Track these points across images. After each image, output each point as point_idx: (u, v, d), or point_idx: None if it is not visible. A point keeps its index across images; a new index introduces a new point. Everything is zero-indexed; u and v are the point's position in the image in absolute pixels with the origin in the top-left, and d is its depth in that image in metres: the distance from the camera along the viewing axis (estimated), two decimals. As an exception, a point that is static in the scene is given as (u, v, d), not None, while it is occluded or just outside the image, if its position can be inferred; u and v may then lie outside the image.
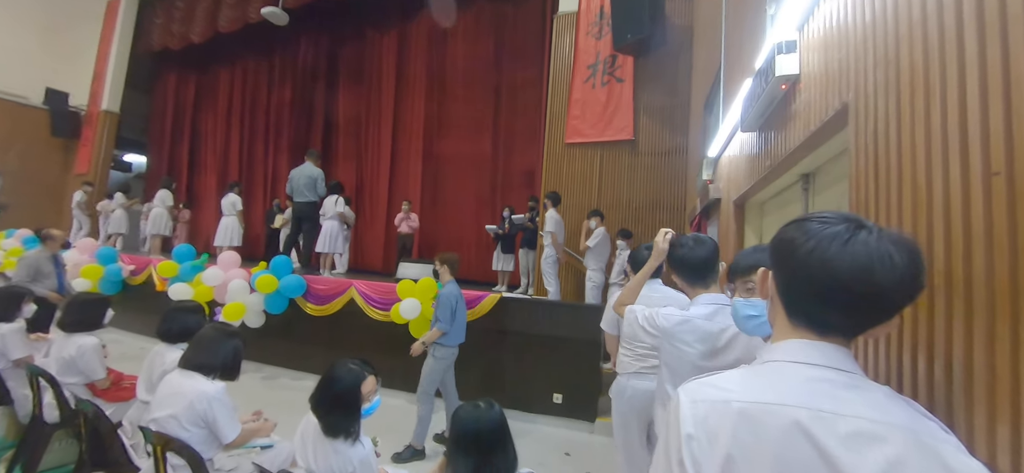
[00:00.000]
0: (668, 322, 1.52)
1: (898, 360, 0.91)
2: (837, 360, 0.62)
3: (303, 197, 5.75)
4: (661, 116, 5.36)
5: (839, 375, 0.60)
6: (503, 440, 1.46)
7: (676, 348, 1.51)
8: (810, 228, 0.62)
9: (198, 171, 11.39)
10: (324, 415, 1.67)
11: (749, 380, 0.64)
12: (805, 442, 0.56)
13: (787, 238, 0.65)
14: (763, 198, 2.39)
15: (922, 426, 0.57)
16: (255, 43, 10.23)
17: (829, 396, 0.58)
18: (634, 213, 5.32)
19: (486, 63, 7.91)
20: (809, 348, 0.63)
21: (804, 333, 0.64)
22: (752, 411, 0.59)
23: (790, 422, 0.57)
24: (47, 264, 4.33)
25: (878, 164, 0.98)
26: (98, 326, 2.76)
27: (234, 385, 4.99)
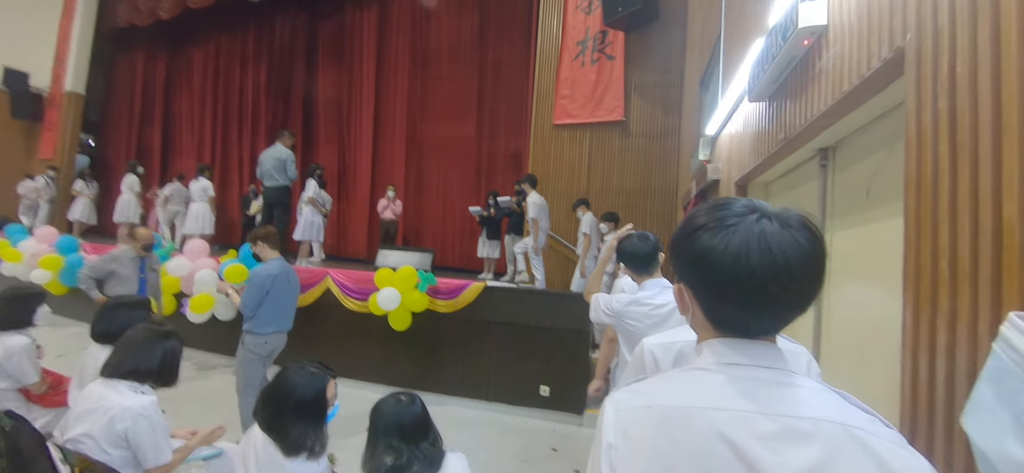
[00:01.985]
0: (619, 304, 1.86)
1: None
2: (761, 357, 0.58)
3: (273, 181, 5.41)
4: (653, 95, 5.12)
5: (764, 372, 0.57)
6: (425, 429, 1.44)
7: (628, 325, 1.84)
8: (695, 223, 0.60)
9: (173, 155, 10.87)
10: (283, 431, 1.43)
11: (672, 384, 0.61)
12: (723, 445, 0.53)
13: (675, 240, 0.63)
14: (769, 178, 2.17)
15: (856, 420, 0.54)
16: (228, 20, 9.71)
17: (750, 395, 0.55)
18: (625, 198, 5.10)
19: (470, 41, 7.56)
20: (730, 347, 0.59)
21: (725, 333, 0.61)
22: (672, 416, 0.56)
23: (708, 425, 0.54)
24: (128, 266, 3.77)
25: (954, 120, 0.75)
26: (28, 323, 2.46)
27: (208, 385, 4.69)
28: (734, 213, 0.56)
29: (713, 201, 0.60)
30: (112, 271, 3.62)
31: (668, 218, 4.94)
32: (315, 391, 1.48)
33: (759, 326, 0.59)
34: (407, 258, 5.11)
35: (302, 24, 9.40)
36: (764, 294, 0.55)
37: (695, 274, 0.60)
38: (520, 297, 4.42)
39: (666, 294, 1.84)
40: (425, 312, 4.45)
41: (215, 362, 5.23)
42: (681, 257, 0.62)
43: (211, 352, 5.46)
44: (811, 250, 0.54)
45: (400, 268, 4.49)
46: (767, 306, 0.56)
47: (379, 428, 1.40)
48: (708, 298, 0.60)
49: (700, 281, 0.60)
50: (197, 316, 4.73)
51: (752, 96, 1.91)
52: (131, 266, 3.72)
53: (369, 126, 8.34)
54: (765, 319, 0.58)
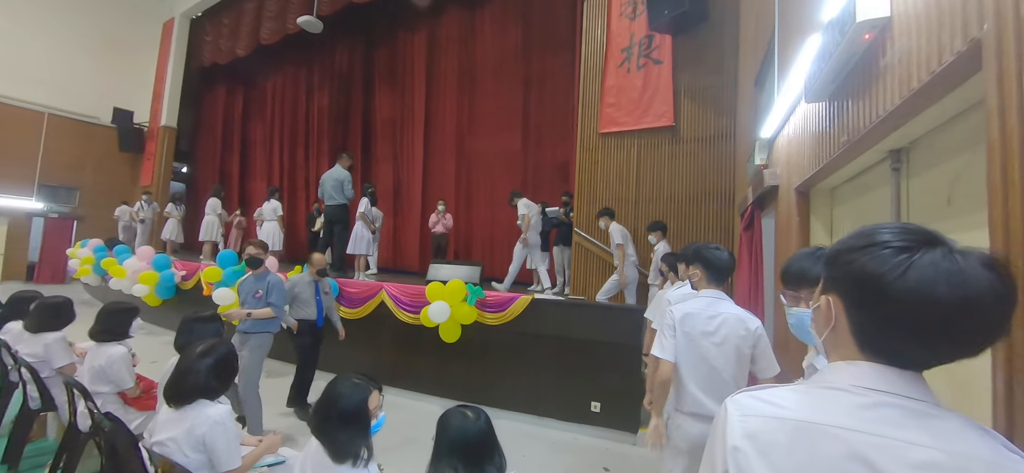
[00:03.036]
0: (673, 319, 1.94)
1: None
2: (906, 388, 0.56)
3: (332, 200, 5.76)
4: (704, 98, 4.90)
5: (908, 402, 0.55)
6: (490, 448, 1.41)
7: (684, 333, 1.91)
8: (875, 239, 0.58)
9: (248, 178, 11.91)
10: (330, 438, 1.51)
11: (806, 398, 0.60)
12: (866, 470, 0.52)
13: (841, 251, 0.62)
14: (834, 183, 2.00)
15: (1006, 460, 0.51)
16: (294, 53, 10.55)
17: (896, 423, 0.54)
18: (677, 205, 4.90)
19: (514, 55, 7.66)
20: (875, 373, 0.58)
21: (872, 358, 0.59)
22: (809, 431, 0.56)
23: (849, 448, 0.53)
24: (307, 289, 4.04)
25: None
26: (125, 335, 2.77)
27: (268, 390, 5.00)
28: (918, 239, 0.55)
29: (900, 225, 0.59)
30: (295, 295, 3.95)
31: (724, 225, 4.67)
32: (358, 401, 1.54)
33: (917, 357, 0.57)
34: (456, 271, 5.23)
35: (359, 52, 10.00)
36: (946, 329, 0.53)
37: (860, 293, 0.59)
38: (569, 310, 4.36)
39: (719, 305, 1.91)
40: (474, 324, 4.51)
41: (280, 370, 5.61)
42: (846, 271, 0.60)
43: (275, 359, 5.86)
44: (1004, 292, 0.52)
45: (449, 281, 4.60)
46: (944, 343, 0.54)
47: (443, 444, 1.40)
48: (867, 320, 0.58)
49: (863, 301, 0.58)
50: (267, 327, 5.08)
51: (810, 96, 1.77)
52: (308, 290, 4.01)
53: (420, 143, 8.67)
54: (935, 353, 0.56)
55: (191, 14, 12.00)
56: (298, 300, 4.01)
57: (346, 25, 9.30)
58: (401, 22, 9.19)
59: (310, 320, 4.05)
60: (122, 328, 2.77)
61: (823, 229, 2.16)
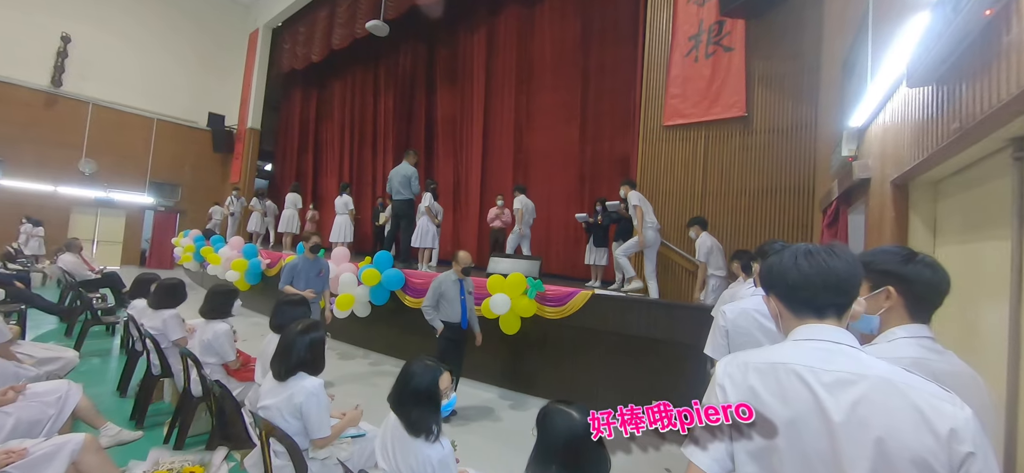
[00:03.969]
0: (727, 318, 1.96)
1: None
2: (831, 334, 0.87)
3: (400, 195, 6.06)
4: (781, 85, 4.59)
5: (830, 345, 0.86)
6: (596, 451, 1.26)
7: (736, 339, 1.94)
8: None
9: (321, 175, 12.81)
10: (405, 413, 1.64)
11: (765, 351, 0.94)
12: (800, 384, 0.84)
13: (770, 263, 0.98)
14: (939, 175, 1.81)
15: (903, 378, 0.79)
16: (363, 56, 11.17)
17: (820, 358, 0.85)
18: (748, 200, 4.64)
19: (573, 48, 7.59)
20: (807, 328, 0.90)
21: (805, 319, 0.91)
22: (762, 368, 0.89)
23: (790, 372, 0.85)
24: (452, 288, 4.00)
25: None
26: (228, 313, 3.13)
27: (345, 368, 5.39)
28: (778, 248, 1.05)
29: None
30: (441, 294, 3.89)
31: (802, 222, 4.35)
32: (429, 381, 1.66)
33: (829, 309, 0.91)
34: (516, 265, 5.31)
35: (422, 53, 10.38)
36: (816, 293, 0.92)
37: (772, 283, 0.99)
38: (629, 307, 4.30)
39: None
40: (533, 318, 4.58)
41: (354, 352, 6.02)
42: (765, 277, 1.00)
43: (351, 344, 6.30)
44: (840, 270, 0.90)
45: (510, 274, 4.69)
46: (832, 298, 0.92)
47: (547, 444, 1.31)
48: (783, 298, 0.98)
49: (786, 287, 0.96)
50: (340, 312, 5.49)
51: (913, 80, 1.62)
52: (454, 289, 3.91)
53: (479, 140, 8.85)
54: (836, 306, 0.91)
55: (273, 25, 13.07)
56: (444, 299, 3.88)
57: (410, 27, 9.69)
58: (461, 21, 9.41)
59: (454, 322, 3.89)
60: (226, 307, 3.13)
61: (924, 226, 1.96)
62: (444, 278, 3.95)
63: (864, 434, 0.76)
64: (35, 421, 2.35)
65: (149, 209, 13.57)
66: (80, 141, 12.23)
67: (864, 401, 0.77)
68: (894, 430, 0.74)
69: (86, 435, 2.03)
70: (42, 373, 3.08)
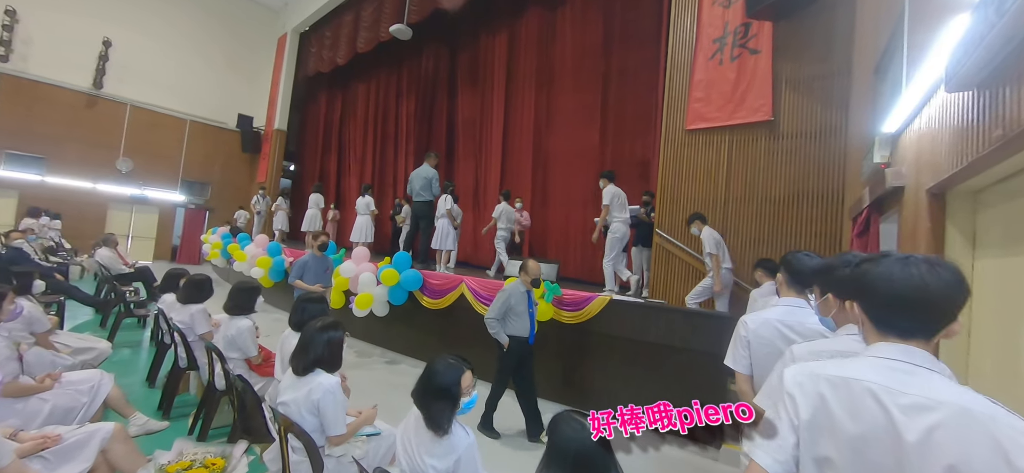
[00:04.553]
0: (749, 329, 1.83)
1: None
2: (911, 356, 0.85)
3: (420, 197, 6.13)
4: (809, 89, 4.45)
5: (909, 366, 0.84)
6: (605, 465, 1.26)
7: (756, 350, 1.82)
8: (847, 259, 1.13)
9: (343, 175, 13.06)
10: (427, 408, 1.67)
11: (838, 364, 0.93)
12: (874, 403, 0.83)
13: (858, 275, 0.95)
14: (980, 184, 1.72)
15: (979, 406, 0.77)
16: (386, 59, 11.35)
17: (897, 379, 0.83)
18: (773, 207, 4.51)
19: (594, 50, 7.53)
20: (888, 347, 0.88)
21: (888, 337, 0.89)
22: (835, 381, 0.89)
23: (865, 390, 0.84)
24: (520, 300, 3.83)
25: None
26: (251, 310, 3.21)
27: (363, 367, 5.47)
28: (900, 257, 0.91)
29: None
30: (510, 306, 3.64)
31: (830, 230, 4.21)
32: (451, 378, 1.69)
33: (917, 331, 0.88)
34: (533, 268, 5.29)
35: (444, 56, 10.49)
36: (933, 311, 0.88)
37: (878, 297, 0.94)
38: (647, 313, 4.23)
39: (798, 314, 1.75)
40: (550, 322, 4.55)
41: (372, 351, 6.10)
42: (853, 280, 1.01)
43: (369, 342, 6.38)
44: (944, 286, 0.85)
45: (527, 278, 4.68)
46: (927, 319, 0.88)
47: (554, 452, 1.30)
48: (884, 313, 0.93)
49: (879, 300, 0.93)
50: (360, 311, 5.57)
51: (952, 85, 1.54)
52: (522, 301, 3.68)
53: (499, 142, 8.88)
54: (927, 329, 0.87)
55: (300, 29, 13.41)
56: (512, 312, 3.63)
57: (432, 31, 9.81)
58: (483, 24, 9.47)
59: (522, 337, 3.65)
60: (249, 304, 3.21)
61: (962, 237, 1.86)
62: (512, 290, 3.67)
63: (936, 459, 0.75)
64: (69, 408, 2.46)
65: (180, 206, 14.09)
66: (118, 141, 12.79)
67: (941, 428, 0.76)
68: (968, 459, 0.73)
69: (115, 424, 2.11)
70: (77, 362, 3.23)
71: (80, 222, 11.68)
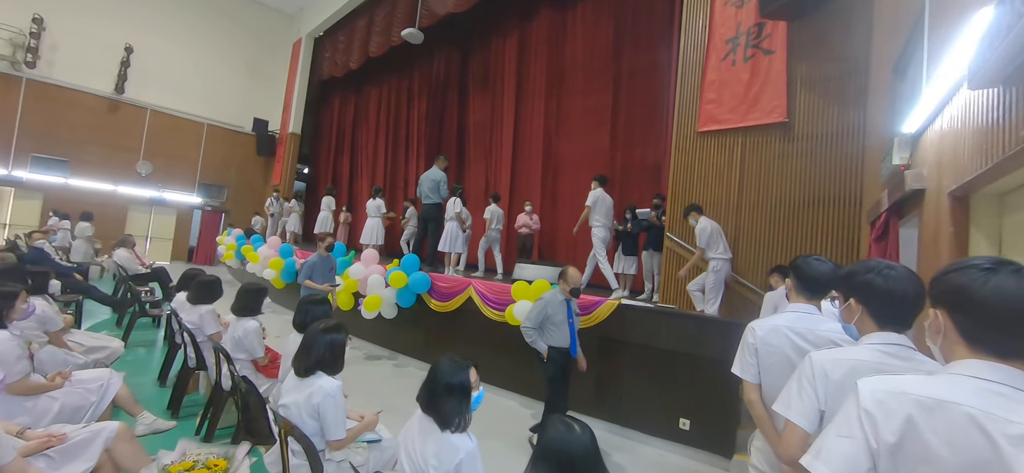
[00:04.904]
0: (757, 336, 1.74)
1: None
2: (1013, 379, 0.78)
3: (429, 199, 6.13)
4: (826, 89, 4.33)
5: (1012, 391, 0.78)
6: (593, 467, 1.27)
7: (765, 358, 1.73)
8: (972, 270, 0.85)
9: (356, 178, 13.18)
10: (438, 409, 1.65)
11: (923, 381, 0.85)
12: (978, 433, 0.75)
13: (959, 283, 0.85)
14: (1007, 186, 1.63)
15: None
16: (397, 63, 11.44)
17: (1001, 405, 0.76)
18: (787, 211, 4.40)
19: (605, 53, 7.47)
20: (985, 367, 0.81)
21: (982, 355, 0.82)
22: (926, 403, 0.81)
23: (965, 416, 0.77)
24: (560, 310, 3.61)
25: None
26: (258, 311, 3.22)
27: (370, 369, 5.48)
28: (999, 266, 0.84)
29: None
30: (547, 316, 3.43)
31: (847, 235, 4.08)
32: (460, 376, 1.70)
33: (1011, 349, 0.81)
34: (541, 272, 5.25)
35: (455, 59, 10.52)
36: None
37: (981, 312, 0.84)
38: (658, 318, 4.15)
39: (808, 320, 1.68)
40: (558, 326, 4.49)
41: (380, 353, 6.11)
42: (944, 287, 0.90)
43: (377, 344, 6.40)
44: None
45: (535, 281, 4.64)
46: None
47: (540, 452, 1.29)
48: (986, 330, 0.83)
49: (982, 317, 0.83)
50: (368, 313, 5.59)
51: (975, 82, 1.46)
52: (561, 310, 3.45)
53: (509, 145, 8.85)
54: None
55: (315, 34, 13.61)
56: (550, 322, 3.41)
57: (444, 35, 9.85)
58: (494, 28, 9.48)
59: (562, 348, 3.43)
60: (255, 305, 3.22)
61: (987, 242, 1.77)
62: (551, 298, 3.46)
63: None
64: (78, 406, 2.49)
65: (197, 208, 14.37)
66: (138, 144, 13.11)
67: None
68: None
69: (120, 424, 2.12)
70: (90, 361, 3.28)
71: (101, 223, 11.95)
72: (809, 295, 1.77)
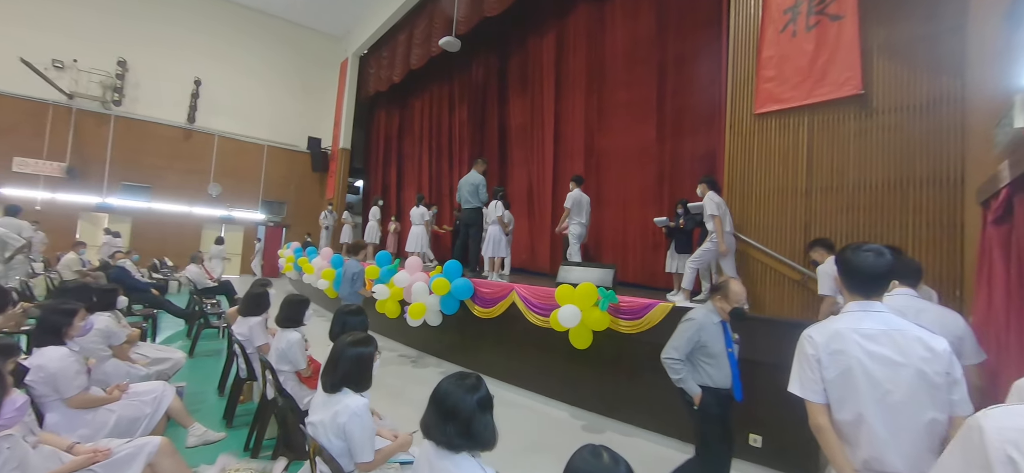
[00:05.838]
0: (817, 345, 1.51)
1: None
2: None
3: (468, 204, 6.05)
4: (912, 54, 3.75)
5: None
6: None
7: (828, 373, 1.53)
8: None
9: (403, 188, 13.51)
10: (470, 434, 1.49)
11: None
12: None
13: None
14: None
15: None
16: (438, 73, 11.60)
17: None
18: (869, 196, 3.85)
19: (647, 41, 7.06)
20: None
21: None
22: None
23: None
24: (716, 337, 4.05)
25: None
26: (300, 322, 3.24)
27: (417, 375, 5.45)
28: None
29: None
30: (699, 344, 2.55)
31: (946, 219, 3.48)
32: (478, 389, 1.58)
33: None
34: (587, 274, 4.98)
35: (494, 64, 10.47)
36: None
37: None
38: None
39: (873, 320, 1.41)
40: (607, 331, 4.22)
41: (427, 361, 6.10)
42: None
43: (422, 351, 6.40)
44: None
45: (579, 285, 4.39)
46: None
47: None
48: None
49: None
50: (413, 321, 5.57)
51: None
52: (717, 336, 2.58)
53: (550, 145, 8.64)
54: None
55: (360, 52, 14.15)
56: (704, 352, 2.53)
57: (481, 40, 9.83)
58: (531, 27, 9.33)
59: (722, 390, 2.56)
60: (298, 317, 3.24)
61: None
62: (704, 320, 2.55)
63: None
64: (134, 418, 2.58)
65: (261, 224, 15.35)
66: (208, 168, 14.23)
67: None
68: None
69: (162, 439, 2.15)
70: (152, 372, 3.44)
71: (180, 242, 13.13)
72: (864, 292, 1.46)
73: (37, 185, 11.81)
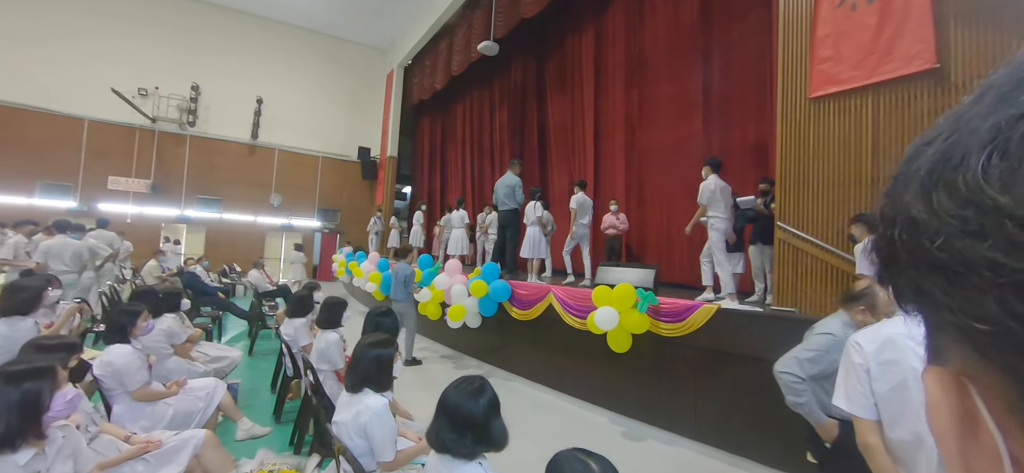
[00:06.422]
0: (866, 353, 1.33)
1: None
2: None
3: (504, 205, 6.03)
4: (995, 19, 3.28)
5: None
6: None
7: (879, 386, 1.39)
8: None
9: (446, 192, 13.80)
10: (489, 438, 1.49)
11: None
12: None
13: None
14: None
15: None
16: (477, 77, 11.73)
17: None
18: (947, 182, 3.40)
19: (689, 29, 6.71)
20: None
21: None
22: None
23: None
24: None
25: None
26: (338, 324, 3.36)
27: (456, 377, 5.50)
28: None
29: None
30: (825, 370, 2.05)
31: None
32: (486, 392, 1.58)
33: None
34: (626, 275, 4.80)
35: (532, 65, 10.44)
36: None
37: None
38: (771, 325, 3.49)
39: None
40: (647, 334, 4.04)
41: (469, 363, 6.14)
42: None
43: (463, 353, 6.45)
44: None
45: (617, 286, 4.24)
46: None
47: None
48: None
49: None
50: (453, 323, 5.64)
51: None
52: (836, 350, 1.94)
53: (591, 143, 8.46)
54: None
55: (404, 63, 14.65)
56: (827, 380, 2.00)
57: (519, 42, 9.83)
58: (569, 26, 9.20)
59: None
60: (336, 318, 3.36)
61: None
62: (841, 333, 1.99)
63: None
64: (189, 412, 2.77)
65: (317, 231, 16.28)
66: (270, 180, 15.29)
67: None
68: None
69: (207, 432, 2.29)
70: (210, 369, 3.71)
71: (247, 249, 14.19)
72: None
73: (127, 200, 13.24)
